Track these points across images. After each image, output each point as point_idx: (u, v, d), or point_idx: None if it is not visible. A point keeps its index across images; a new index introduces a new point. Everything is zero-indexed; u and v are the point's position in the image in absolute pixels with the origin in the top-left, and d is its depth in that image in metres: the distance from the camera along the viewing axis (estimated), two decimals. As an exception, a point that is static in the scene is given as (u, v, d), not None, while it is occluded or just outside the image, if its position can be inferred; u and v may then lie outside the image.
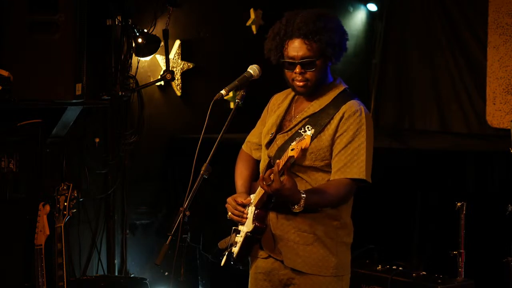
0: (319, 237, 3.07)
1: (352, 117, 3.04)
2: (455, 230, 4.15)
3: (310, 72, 3.06)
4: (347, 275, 3.17)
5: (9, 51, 4.24)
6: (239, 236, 3.16)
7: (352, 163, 3.01)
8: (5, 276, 4.48)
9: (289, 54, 3.06)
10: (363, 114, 3.05)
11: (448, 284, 4.02)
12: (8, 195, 4.45)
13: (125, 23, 5.22)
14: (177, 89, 5.76)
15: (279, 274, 3.12)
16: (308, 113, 3.12)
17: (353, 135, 3.02)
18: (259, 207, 3.09)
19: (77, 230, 5.12)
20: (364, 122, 3.04)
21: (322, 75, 3.09)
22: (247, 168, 3.36)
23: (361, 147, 3.02)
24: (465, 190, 4.52)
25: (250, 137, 3.42)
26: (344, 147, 3.02)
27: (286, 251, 3.09)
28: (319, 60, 3.05)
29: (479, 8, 6.16)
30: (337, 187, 3.00)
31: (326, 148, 3.04)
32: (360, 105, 3.09)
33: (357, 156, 3.01)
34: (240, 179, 3.33)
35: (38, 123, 4.53)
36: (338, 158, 3.02)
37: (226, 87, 3.00)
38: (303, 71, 3.05)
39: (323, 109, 3.09)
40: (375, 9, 7.10)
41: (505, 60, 5.87)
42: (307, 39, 3.02)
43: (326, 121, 3.05)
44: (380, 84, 7.10)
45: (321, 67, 3.07)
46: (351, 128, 3.03)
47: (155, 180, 5.70)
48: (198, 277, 5.67)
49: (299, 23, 3.04)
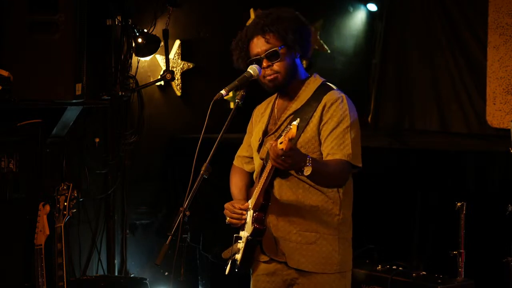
0: (321, 235, 3.08)
1: (334, 104, 3.06)
2: (455, 230, 4.14)
3: (276, 62, 3.08)
4: (349, 272, 3.19)
5: (9, 51, 4.25)
6: (240, 242, 3.15)
7: (339, 146, 3.01)
8: (5, 276, 4.48)
9: (253, 53, 3.12)
10: (345, 101, 3.08)
11: (448, 284, 4.02)
12: (8, 195, 4.45)
13: (125, 23, 5.22)
14: (177, 89, 5.76)
15: (282, 274, 3.13)
16: (291, 111, 3.14)
17: (337, 121, 3.04)
18: (257, 209, 3.09)
19: (77, 230, 5.12)
20: (347, 107, 3.06)
21: (290, 65, 3.11)
22: (242, 179, 3.37)
23: (346, 131, 3.03)
24: (465, 190, 4.52)
25: (240, 152, 3.45)
26: (330, 132, 3.03)
27: (289, 252, 3.09)
28: (282, 49, 3.08)
29: (479, 8, 6.16)
30: (335, 162, 3.00)
31: (314, 139, 3.06)
32: (341, 93, 3.11)
33: (343, 139, 3.02)
34: (236, 188, 3.34)
35: (38, 123, 4.53)
36: (326, 144, 3.04)
37: (226, 87, 3.01)
38: (270, 63, 3.09)
39: (305, 104, 3.11)
40: (375, 9, 7.10)
41: (505, 60, 5.87)
42: (264, 33, 3.08)
43: (310, 114, 3.07)
44: (380, 84, 7.10)
45: (286, 56, 3.09)
46: (335, 114, 3.04)
47: (155, 180, 5.70)
48: (198, 277, 5.67)
49: (254, 22, 3.14)
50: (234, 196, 3.31)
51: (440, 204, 4.57)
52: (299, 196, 3.08)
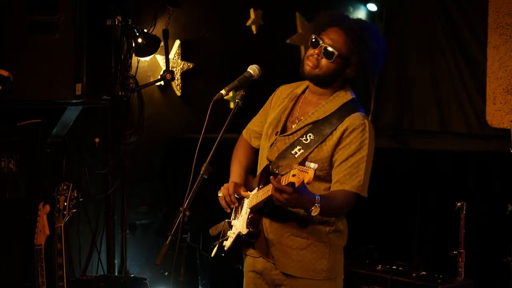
0: (313, 242, 3.07)
1: (356, 130, 3.01)
2: (455, 230, 4.14)
3: (325, 60, 3.04)
4: (340, 277, 3.16)
5: (9, 51, 4.24)
6: (231, 232, 3.15)
7: (351, 176, 2.98)
8: (5, 276, 4.48)
9: (323, 35, 3.05)
10: (366, 129, 3.02)
11: (448, 284, 4.02)
12: (8, 195, 4.46)
13: (125, 23, 5.22)
14: (177, 89, 5.76)
15: (271, 274, 3.12)
16: (311, 120, 3.09)
17: (355, 149, 2.99)
18: (254, 210, 3.09)
19: (77, 230, 5.12)
20: (367, 136, 3.02)
21: (332, 73, 3.06)
22: (246, 156, 3.33)
23: (361, 161, 2.99)
24: (465, 190, 4.52)
25: (251, 125, 3.39)
26: (345, 159, 2.99)
27: (279, 255, 3.09)
28: (339, 59, 3.04)
29: (479, 8, 6.16)
30: (343, 195, 2.97)
31: (325, 159, 3.02)
32: (365, 118, 3.05)
33: (357, 169, 2.99)
34: (237, 167, 3.29)
35: (38, 123, 4.53)
36: (338, 170, 3.00)
37: (226, 87, 3.00)
38: (321, 56, 3.04)
39: (327, 117, 3.06)
40: (375, 9, 7.10)
41: (505, 60, 5.87)
42: (349, 37, 3.02)
43: (328, 132, 3.02)
44: (380, 84, 7.10)
45: (335, 66, 3.05)
46: (354, 141, 3.00)
47: (155, 180, 5.70)
48: (198, 277, 5.67)
49: (347, 19, 3.09)
50: (233, 173, 3.27)
51: (440, 204, 4.58)
52: None
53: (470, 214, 4.15)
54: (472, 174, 4.62)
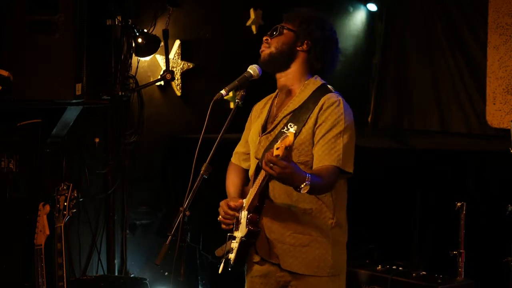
0: (315, 238, 3.07)
1: (330, 107, 3.03)
2: (455, 230, 4.14)
3: (274, 38, 3.13)
4: (343, 274, 3.17)
5: (9, 51, 4.24)
6: (234, 242, 3.14)
7: (330, 151, 2.99)
8: (5, 276, 4.49)
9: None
10: (341, 105, 3.05)
11: (448, 284, 4.02)
12: (8, 195, 4.46)
13: (125, 23, 5.22)
14: (177, 89, 5.76)
15: (276, 276, 3.12)
16: (288, 110, 3.12)
17: (331, 125, 3.01)
18: (251, 211, 3.08)
19: (77, 230, 5.12)
20: (342, 111, 3.03)
21: (284, 47, 3.12)
22: (238, 177, 3.36)
23: (338, 136, 3.00)
24: (465, 190, 4.52)
25: (238, 148, 3.43)
26: (323, 136, 3.01)
27: (283, 254, 3.09)
28: (288, 32, 3.12)
29: (479, 8, 6.16)
30: (327, 171, 2.97)
31: (308, 142, 3.04)
32: (338, 96, 3.09)
33: (334, 144, 2.99)
34: (231, 186, 3.32)
35: (38, 123, 4.53)
36: (318, 147, 3.02)
37: (226, 87, 3.01)
38: (268, 38, 3.15)
39: (303, 104, 3.09)
40: (375, 9, 7.10)
41: (505, 60, 5.87)
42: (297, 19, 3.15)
43: (306, 116, 3.05)
44: (380, 84, 7.10)
45: (285, 40, 3.12)
46: (329, 118, 3.02)
47: (155, 180, 5.70)
48: (198, 277, 5.68)
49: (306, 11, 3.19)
50: (230, 194, 3.29)
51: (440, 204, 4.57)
52: (294, 199, 3.06)
53: (470, 214, 4.14)
54: (472, 174, 4.62)
